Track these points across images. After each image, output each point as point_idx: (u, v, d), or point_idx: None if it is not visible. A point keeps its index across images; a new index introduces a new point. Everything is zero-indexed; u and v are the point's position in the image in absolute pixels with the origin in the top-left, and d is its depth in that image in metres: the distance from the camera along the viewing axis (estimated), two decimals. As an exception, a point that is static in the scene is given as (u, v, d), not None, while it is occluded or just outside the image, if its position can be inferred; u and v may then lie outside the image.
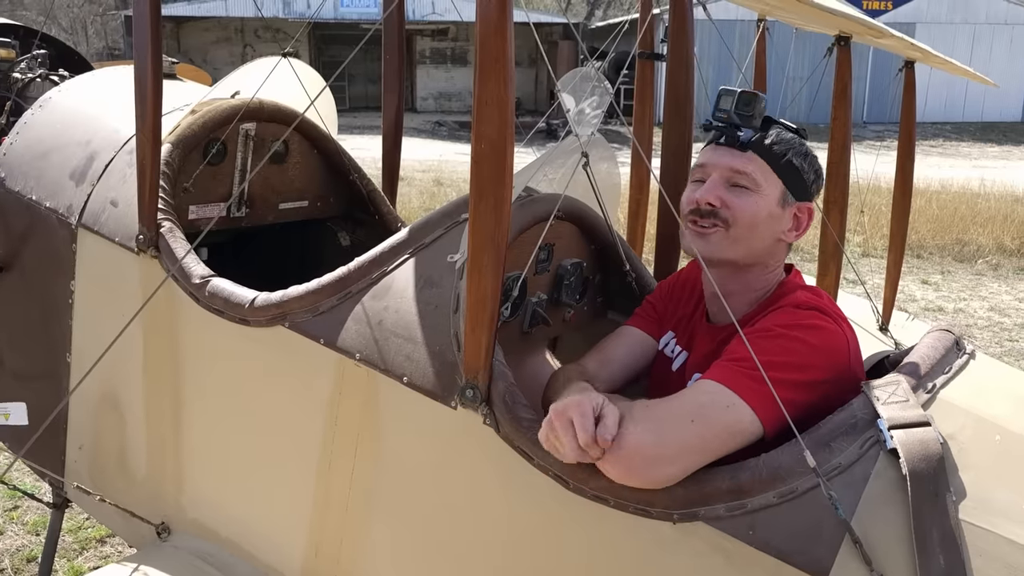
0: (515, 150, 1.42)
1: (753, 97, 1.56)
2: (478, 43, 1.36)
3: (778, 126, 1.62)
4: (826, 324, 1.44)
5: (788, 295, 1.56)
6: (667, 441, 1.31)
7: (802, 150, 1.61)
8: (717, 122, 1.59)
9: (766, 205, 1.56)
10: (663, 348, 1.80)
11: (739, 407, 1.33)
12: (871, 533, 1.24)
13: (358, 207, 2.69)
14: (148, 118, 1.92)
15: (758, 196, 1.56)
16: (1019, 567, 1.19)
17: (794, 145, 1.59)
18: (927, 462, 1.24)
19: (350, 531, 1.75)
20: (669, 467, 1.31)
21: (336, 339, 1.72)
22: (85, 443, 2.25)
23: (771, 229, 1.58)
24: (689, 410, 1.34)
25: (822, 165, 1.69)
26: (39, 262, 2.31)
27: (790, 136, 1.61)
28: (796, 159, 1.58)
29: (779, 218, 1.58)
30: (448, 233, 1.70)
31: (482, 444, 1.52)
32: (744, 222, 1.56)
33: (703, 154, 1.63)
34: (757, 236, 1.57)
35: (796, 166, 1.58)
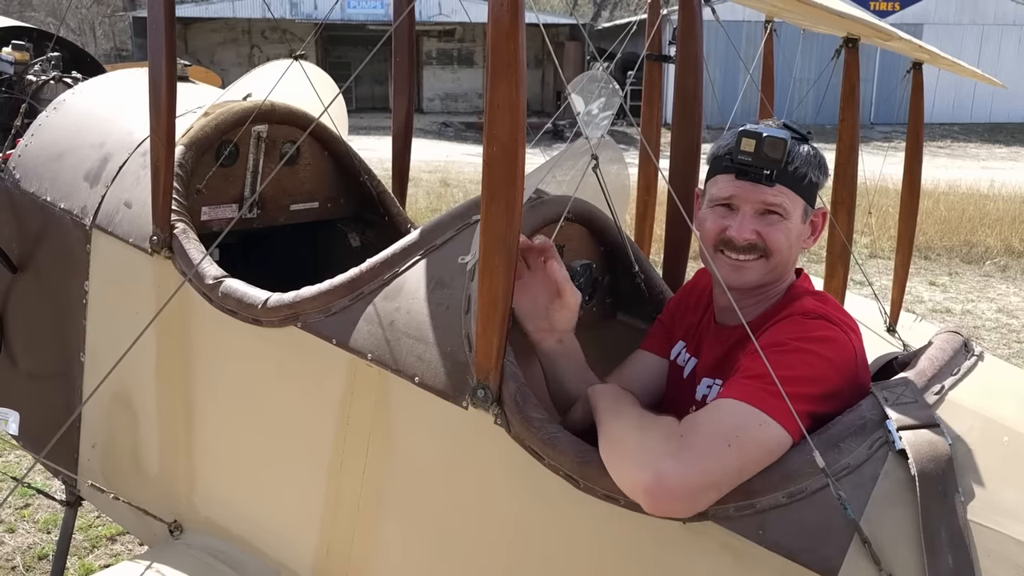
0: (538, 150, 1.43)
1: (779, 143, 1.53)
2: (490, 47, 1.37)
3: (792, 139, 1.59)
4: (835, 335, 1.45)
5: (796, 301, 1.57)
6: (710, 469, 1.30)
7: (816, 161, 1.60)
8: (740, 165, 1.56)
9: (795, 228, 1.60)
10: (675, 358, 1.81)
11: (770, 425, 1.32)
12: (880, 533, 1.26)
13: (368, 208, 2.71)
14: (162, 120, 1.94)
15: (788, 222, 1.58)
16: (1027, 567, 1.20)
17: (810, 160, 1.58)
18: (936, 463, 1.25)
19: (361, 530, 1.77)
20: (713, 493, 1.31)
21: (348, 339, 1.74)
22: (98, 442, 2.28)
23: (798, 245, 1.62)
24: (724, 433, 1.32)
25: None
26: (53, 262, 2.33)
27: (805, 151, 1.59)
28: (813, 174, 1.58)
29: (802, 233, 1.63)
30: (459, 235, 1.71)
31: (493, 444, 1.54)
32: (781, 250, 1.59)
33: (727, 185, 1.59)
34: (790, 257, 1.62)
35: (814, 182, 1.59)
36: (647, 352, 1.86)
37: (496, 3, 1.36)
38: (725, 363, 1.62)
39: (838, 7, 2.59)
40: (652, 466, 1.30)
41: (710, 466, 1.30)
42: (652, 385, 1.81)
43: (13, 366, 2.49)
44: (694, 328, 1.79)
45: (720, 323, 1.71)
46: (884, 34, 2.51)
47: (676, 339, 1.83)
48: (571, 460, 1.46)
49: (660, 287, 2.13)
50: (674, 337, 1.84)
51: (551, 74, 29.13)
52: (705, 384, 1.66)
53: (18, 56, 2.79)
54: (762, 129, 1.55)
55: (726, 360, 1.61)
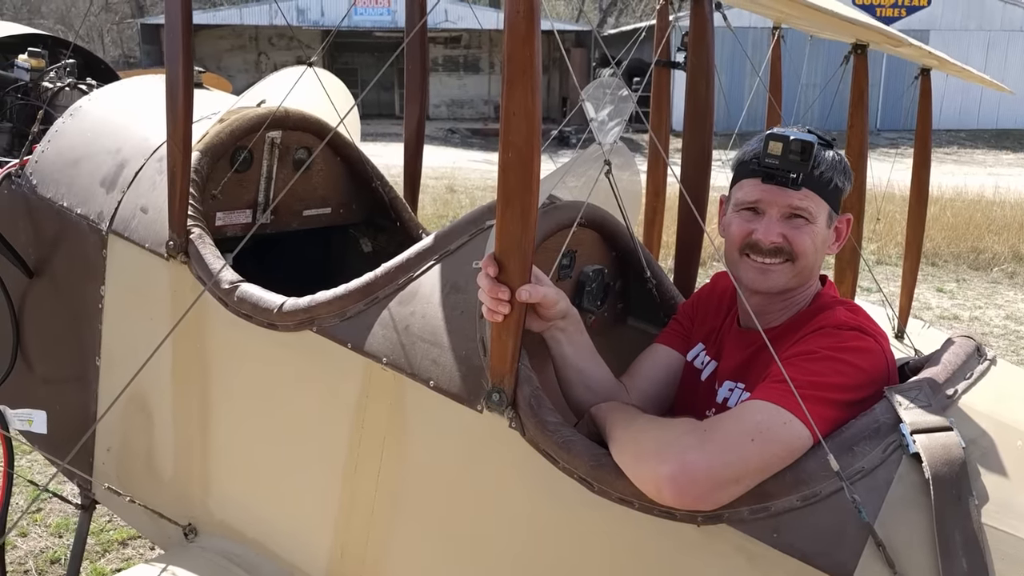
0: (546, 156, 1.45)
1: (807, 146, 1.54)
2: (506, 54, 1.39)
3: (819, 144, 1.59)
4: (870, 346, 1.46)
5: (827, 310, 1.57)
6: (732, 462, 1.32)
7: (841, 166, 1.61)
8: (767, 168, 1.58)
9: (820, 232, 1.61)
10: (692, 360, 1.82)
11: (794, 424, 1.33)
12: (894, 536, 1.26)
13: (380, 214, 2.73)
14: (179, 127, 1.96)
15: (814, 226, 1.60)
16: (1042, 570, 1.20)
17: (835, 165, 1.59)
18: (949, 466, 1.26)
19: (376, 533, 1.78)
20: (735, 487, 1.33)
21: (363, 344, 1.75)
22: (113, 445, 2.29)
23: (823, 250, 1.63)
24: (748, 429, 1.34)
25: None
26: (70, 267, 2.35)
27: (831, 156, 1.60)
28: (839, 179, 1.59)
29: (827, 238, 1.63)
30: (473, 240, 1.73)
31: (508, 447, 1.55)
32: (807, 254, 1.60)
33: (753, 189, 1.60)
34: (816, 262, 1.63)
35: (839, 187, 1.60)
36: (664, 346, 1.87)
37: (512, 10, 1.38)
38: (749, 367, 1.63)
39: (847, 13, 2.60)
40: (677, 458, 1.32)
41: (733, 459, 1.32)
42: (667, 379, 1.82)
43: (29, 370, 2.51)
44: (715, 331, 1.80)
45: (744, 327, 1.72)
46: (894, 40, 2.52)
47: (695, 341, 1.83)
48: (585, 463, 1.48)
49: (671, 292, 2.14)
50: (692, 338, 1.84)
51: (557, 80, 29.20)
52: (727, 387, 1.67)
53: (34, 63, 2.82)
54: (789, 132, 1.56)
55: (750, 364, 1.62)
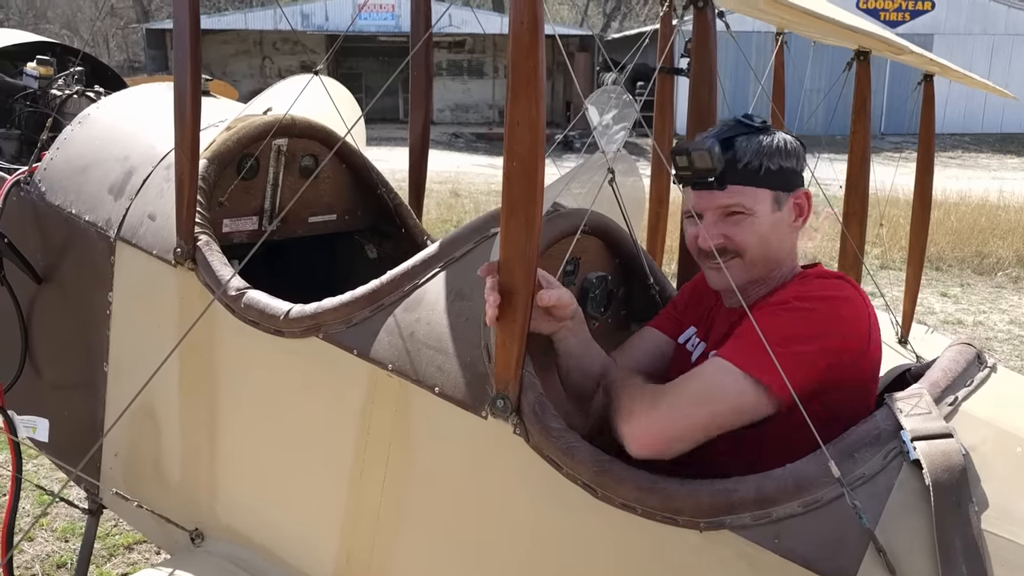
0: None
1: (703, 155, 1.61)
2: (510, 65, 1.41)
3: (742, 136, 1.63)
4: (844, 293, 1.52)
5: (806, 278, 1.64)
6: (677, 424, 1.48)
7: (771, 148, 1.62)
8: (681, 182, 1.68)
9: (764, 220, 1.64)
10: (684, 343, 1.86)
11: (745, 384, 1.44)
12: (894, 542, 1.28)
13: (385, 220, 2.75)
14: (187, 135, 1.98)
15: (754, 218, 1.64)
16: (1041, 576, 1.22)
17: (763, 150, 1.61)
18: (949, 473, 1.27)
19: (381, 538, 1.80)
20: (679, 444, 1.48)
21: (369, 350, 1.77)
22: (121, 450, 2.31)
23: (778, 233, 1.66)
24: (696, 391, 1.49)
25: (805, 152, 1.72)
26: (78, 274, 2.37)
27: (756, 142, 1.62)
28: (771, 162, 1.62)
29: (781, 219, 1.66)
30: (478, 247, 1.74)
31: (512, 453, 1.56)
32: (753, 245, 1.64)
33: (688, 198, 1.69)
34: (771, 247, 1.66)
35: (774, 168, 1.62)
36: (654, 329, 1.92)
37: (516, 21, 1.40)
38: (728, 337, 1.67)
39: (850, 21, 2.62)
40: (635, 418, 1.50)
41: (677, 421, 1.48)
42: (656, 362, 1.86)
43: (37, 376, 2.53)
44: (706, 315, 1.84)
45: (728, 306, 1.76)
46: (896, 48, 2.54)
47: (687, 325, 1.88)
48: (589, 470, 1.49)
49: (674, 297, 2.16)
50: (685, 322, 1.89)
51: (561, 85, 29.23)
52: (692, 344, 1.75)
53: (43, 71, 2.85)
54: (688, 145, 1.65)
55: (729, 334, 1.66)
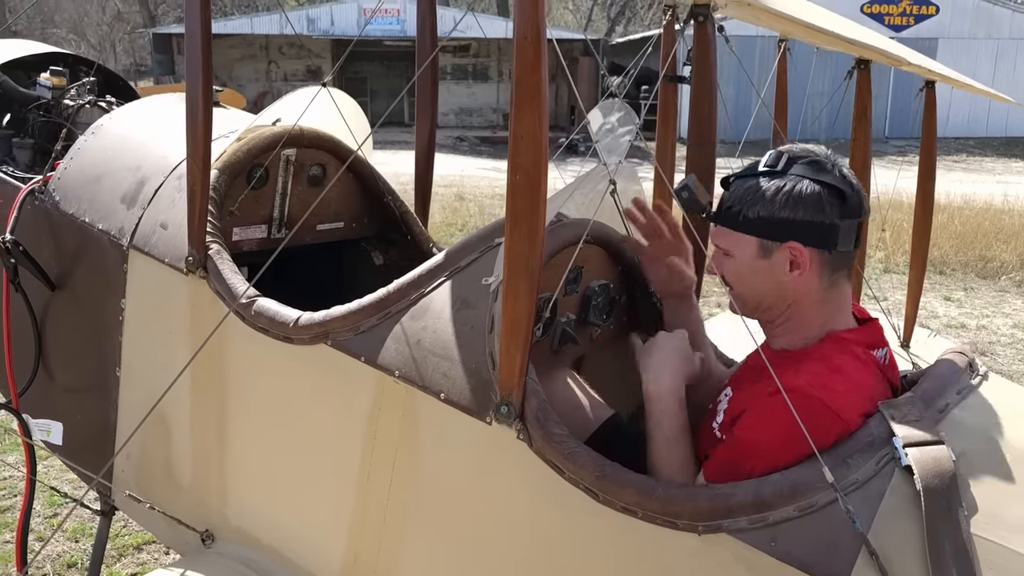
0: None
1: (679, 190, 1.73)
2: (514, 80, 1.46)
3: (743, 178, 1.65)
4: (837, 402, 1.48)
5: (808, 361, 1.60)
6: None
7: (760, 196, 1.61)
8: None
9: (743, 263, 1.67)
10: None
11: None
12: (887, 546, 1.32)
13: (391, 228, 2.79)
14: (199, 147, 2.03)
15: (733, 259, 1.68)
16: (1028, 579, 1.25)
17: (748, 196, 1.62)
18: (940, 478, 1.31)
19: (387, 540, 1.84)
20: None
21: (376, 357, 1.81)
22: (133, 453, 2.36)
23: (764, 279, 1.65)
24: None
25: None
26: (91, 281, 2.42)
27: (748, 186, 1.63)
28: (752, 209, 1.61)
29: (767, 268, 1.64)
30: (483, 257, 1.79)
31: (515, 458, 1.61)
32: (735, 282, 1.71)
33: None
34: (752, 287, 1.68)
35: (755, 217, 1.61)
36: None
37: (521, 37, 1.45)
38: (743, 376, 1.74)
39: (849, 32, 2.66)
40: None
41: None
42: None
43: (50, 380, 2.58)
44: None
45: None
46: (894, 59, 2.58)
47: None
48: (590, 474, 1.53)
49: (675, 306, 2.20)
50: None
51: (565, 89, 29.29)
52: (725, 392, 1.75)
53: (56, 81, 2.90)
54: (682, 182, 1.74)
55: (744, 373, 1.73)
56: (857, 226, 1.62)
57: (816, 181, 1.59)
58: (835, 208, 1.59)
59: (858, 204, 1.61)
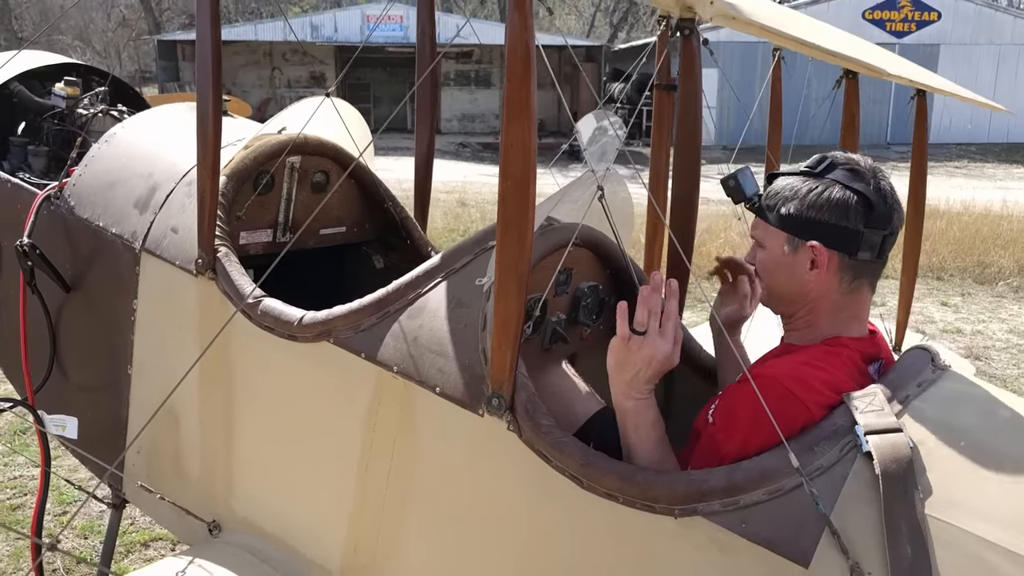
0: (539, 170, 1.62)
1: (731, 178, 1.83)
2: (505, 96, 1.57)
3: (787, 176, 1.77)
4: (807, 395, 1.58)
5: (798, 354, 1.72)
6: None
7: (795, 194, 1.72)
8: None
9: (772, 256, 1.78)
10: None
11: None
12: (848, 526, 1.42)
13: (392, 232, 2.90)
14: (208, 155, 2.14)
15: (764, 251, 1.80)
16: (976, 555, 1.36)
17: (785, 194, 1.74)
18: (897, 464, 1.41)
19: (386, 527, 1.94)
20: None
21: (376, 354, 1.92)
22: (143, 448, 2.46)
23: (787, 274, 1.76)
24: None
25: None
26: (104, 283, 2.53)
27: (787, 184, 1.75)
28: (786, 206, 1.73)
29: (791, 263, 1.74)
30: (476, 259, 1.90)
31: (506, 448, 1.71)
32: (763, 273, 1.82)
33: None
34: (775, 281, 1.80)
35: (786, 213, 1.73)
36: None
37: (511, 55, 1.56)
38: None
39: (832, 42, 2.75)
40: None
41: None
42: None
43: (64, 378, 2.69)
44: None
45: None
46: (875, 71, 2.68)
47: None
48: (576, 462, 1.64)
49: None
50: None
51: (568, 94, 29.44)
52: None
53: (69, 91, 3.02)
54: (729, 174, 1.83)
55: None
56: (882, 238, 1.69)
57: (848, 187, 1.68)
58: (860, 216, 1.67)
59: (885, 217, 1.68)
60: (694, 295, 8.75)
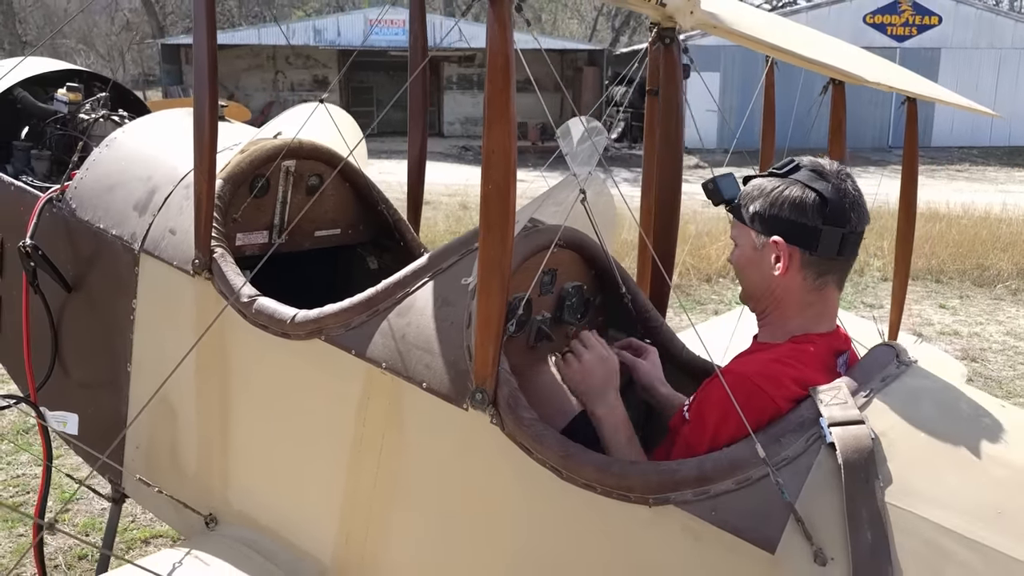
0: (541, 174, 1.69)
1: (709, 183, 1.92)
2: (486, 101, 1.64)
3: (759, 178, 1.85)
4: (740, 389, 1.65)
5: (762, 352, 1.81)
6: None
7: (760, 193, 1.81)
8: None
9: (744, 253, 1.87)
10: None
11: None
12: (812, 513, 1.48)
13: (385, 234, 2.97)
14: (204, 159, 2.21)
15: (739, 249, 1.88)
16: (933, 541, 1.42)
17: (754, 194, 1.82)
18: (859, 454, 1.48)
19: (376, 518, 2.01)
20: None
21: (365, 350, 1.99)
22: (141, 443, 2.54)
23: (756, 270, 1.84)
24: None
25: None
26: (104, 283, 2.61)
27: (756, 185, 1.84)
28: (754, 204, 1.81)
29: (759, 259, 1.82)
30: (462, 260, 1.97)
31: (489, 440, 1.78)
32: (739, 270, 1.91)
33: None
34: (749, 277, 1.88)
35: (753, 211, 1.81)
36: None
37: (492, 63, 1.63)
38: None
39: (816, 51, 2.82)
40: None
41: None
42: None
43: (66, 375, 2.76)
44: None
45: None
46: (853, 78, 2.74)
47: None
48: (556, 454, 1.71)
49: (645, 305, 2.37)
50: None
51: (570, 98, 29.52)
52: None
53: (71, 97, 3.09)
54: (711, 178, 1.91)
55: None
56: (841, 235, 1.74)
57: (808, 186, 1.76)
58: (817, 213, 1.74)
59: (843, 214, 1.74)
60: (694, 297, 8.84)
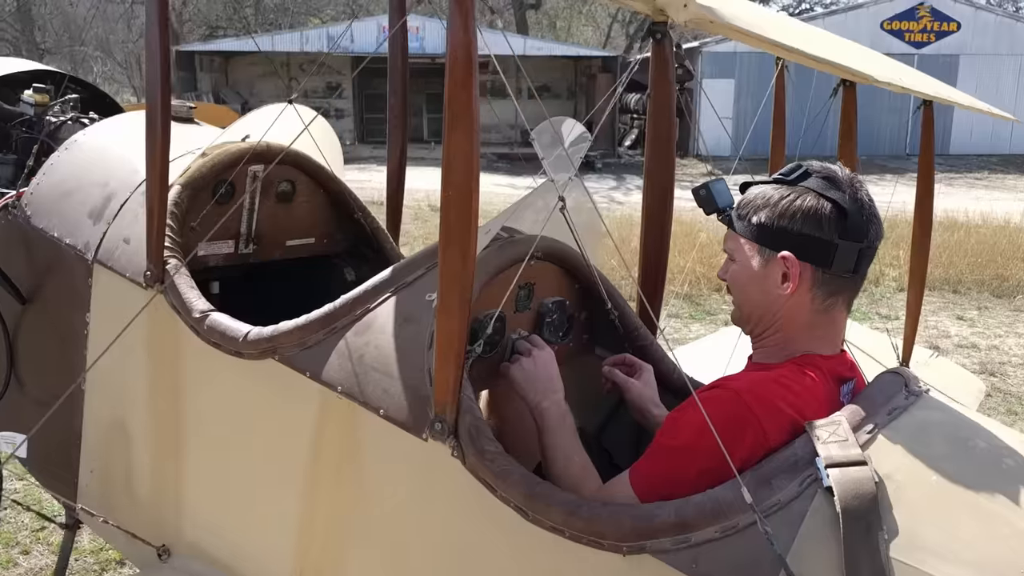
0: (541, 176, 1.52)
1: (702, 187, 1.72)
2: (446, 99, 1.47)
3: (760, 185, 1.65)
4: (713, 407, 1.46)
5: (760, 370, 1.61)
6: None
7: (767, 202, 1.60)
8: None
9: (745, 270, 1.65)
10: None
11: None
12: (806, 568, 1.29)
13: (363, 243, 2.81)
14: (156, 163, 2.05)
15: (737, 264, 1.67)
16: (945, 605, 1.22)
17: (757, 203, 1.62)
18: (860, 499, 1.29)
19: (330, 555, 1.84)
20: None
21: (321, 372, 1.82)
22: (96, 467, 2.37)
23: (758, 288, 1.64)
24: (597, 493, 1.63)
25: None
26: (59, 295, 2.45)
27: (759, 193, 1.63)
28: (757, 214, 1.61)
29: (763, 276, 1.62)
30: (429, 273, 1.79)
31: (449, 475, 1.60)
32: (735, 288, 1.70)
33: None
34: (747, 296, 1.67)
35: (757, 223, 1.61)
36: None
37: (452, 57, 1.46)
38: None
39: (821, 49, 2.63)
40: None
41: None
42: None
43: (22, 392, 2.61)
44: None
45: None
46: (862, 77, 2.56)
47: None
48: (521, 493, 1.52)
49: (634, 322, 2.19)
50: None
51: (583, 105, 29.38)
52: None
53: (38, 99, 2.95)
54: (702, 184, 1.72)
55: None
56: (858, 252, 1.57)
57: (823, 196, 1.57)
58: (834, 226, 1.56)
59: (862, 228, 1.57)
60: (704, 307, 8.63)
